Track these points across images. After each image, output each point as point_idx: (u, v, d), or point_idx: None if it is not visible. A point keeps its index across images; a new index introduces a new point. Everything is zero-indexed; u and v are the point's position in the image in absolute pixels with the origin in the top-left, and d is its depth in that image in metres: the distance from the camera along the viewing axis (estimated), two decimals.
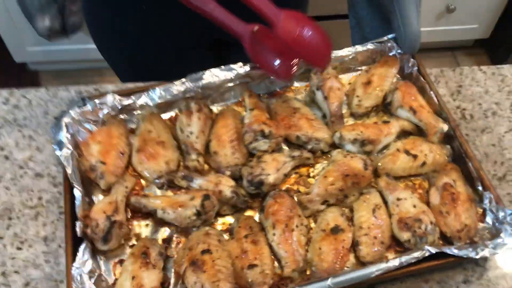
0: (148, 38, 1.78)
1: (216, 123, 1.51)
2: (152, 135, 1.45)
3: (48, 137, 1.59)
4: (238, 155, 1.44)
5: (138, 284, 1.19)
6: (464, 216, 1.34)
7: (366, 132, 1.45)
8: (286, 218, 1.31)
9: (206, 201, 1.30)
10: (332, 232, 1.31)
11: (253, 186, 1.37)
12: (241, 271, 1.25)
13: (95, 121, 1.49)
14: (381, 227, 1.33)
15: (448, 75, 1.75)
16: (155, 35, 1.76)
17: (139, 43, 1.80)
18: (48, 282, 1.30)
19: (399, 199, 1.36)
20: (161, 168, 1.41)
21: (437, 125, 1.47)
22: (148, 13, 1.67)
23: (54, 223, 1.40)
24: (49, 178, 1.49)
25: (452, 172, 1.43)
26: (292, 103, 1.55)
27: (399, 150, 1.45)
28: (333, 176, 1.39)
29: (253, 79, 1.58)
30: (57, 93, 1.71)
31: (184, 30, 1.73)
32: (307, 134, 1.47)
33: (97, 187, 1.41)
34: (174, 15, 1.65)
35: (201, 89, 1.54)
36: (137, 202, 1.35)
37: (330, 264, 1.26)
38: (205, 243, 1.26)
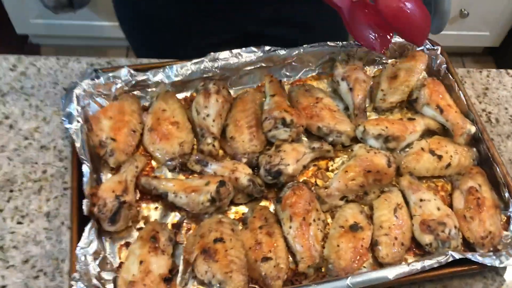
0: (180, 23, 1.70)
1: (234, 107, 1.43)
2: (166, 114, 1.38)
3: (56, 108, 1.51)
4: (256, 142, 1.37)
5: (146, 269, 1.12)
6: (488, 222, 1.28)
7: (391, 128, 1.39)
8: (304, 211, 1.24)
9: (222, 187, 1.23)
10: (351, 229, 1.25)
11: (270, 175, 1.30)
12: (255, 263, 1.18)
13: (107, 95, 1.41)
14: (402, 227, 1.27)
15: (474, 76, 1.68)
16: (187, 20, 1.69)
17: (168, 24, 1.73)
18: (48, 260, 1.23)
19: (422, 200, 1.30)
20: (174, 150, 1.34)
21: (464, 126, 1.41)
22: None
23: (58, 199, 1.33)
24: (55, 152, 1.42)
25: (477, 176, 1.37)
26: (314, 92, 1.48)
27: (424, 149, 1.39)
28: (354, 171, 1.32)
29: (275, 64, 1.51)
30: (68, 63, 1.62)
31: (217, 17, 1.66)
32: (329, 126, 1.40)
33: (105, 164, 1.33)
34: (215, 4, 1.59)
35: (219, 70, 1.46)
36: (148, 183, 1.28)
37: (348, 262, 1.20)
38: (218, 231, 1.20)
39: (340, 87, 1.50)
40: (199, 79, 1.46)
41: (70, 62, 1.63)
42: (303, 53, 1.51)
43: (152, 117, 1.37)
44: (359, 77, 1.48)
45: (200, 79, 1.46)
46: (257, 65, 1.49)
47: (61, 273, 1.21)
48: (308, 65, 1.55)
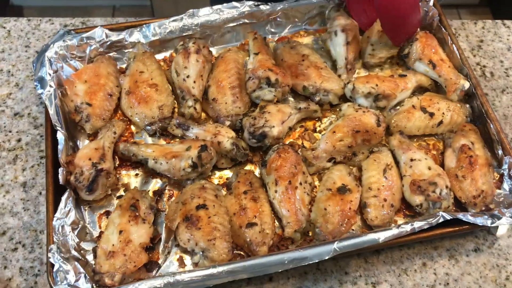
0: None
1: (216, 67, 1.36)
2: (144, 76, 1.31)
3: (29, 73, 1.44)
4: (239, 103, 1.31)
5: (126, 238, 1.08)
6: (481, 181, 1.24)
7: (382, 85, 1.33)
8: (290, 174, 1.20)
9: (204, 152, 1.18)
10: (339, 192, 1.20)
11: (255, 138, 1.25)
12: (239, 230, 1.15)
13: (81, 58, 1.34)
14: (391, 188, 1.22)
15: (469, 29, 1.61)
16: None
17: None
18: (26, 232, 1.19)
19: (413, 160, 1.25)
20: (153, 114, 1.27)
21: (458, 82, 1.35)
22: None
23: (35, 168, 1.27)
24: (29, 119, 1.35)
25: (470, 133, 1.32)
26: (301, 49, 1.40)
27: (415, 106, 1.33)
28: (342, 131, 1.27)
29: (258, 20, 1.43)
30: (40, 24, 1.54)
31: None
32: (315, 85, 1.34)
33: (82, 131, 1.27)
34: None
35: (200, 28, 1.39)
36: (126, 149, 1.22)
37: (336, 226, 1.16)
38: (201, 198, 1.15)
39: (335, 39, 1.41)
40: (178, 38, 1.39)
41: (42, 23, 1.54)
42: (289, 7, 1.43)
43: (129, 80, 1.31)
44: (357, 34, 1.42)
45: (179, 38, 1.38)
46: (240, 22, 1.42)
47: (40, 244, 1.17)
48: (294, 21, 1.48)
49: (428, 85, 1.41)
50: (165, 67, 1.38)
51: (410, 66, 1.42)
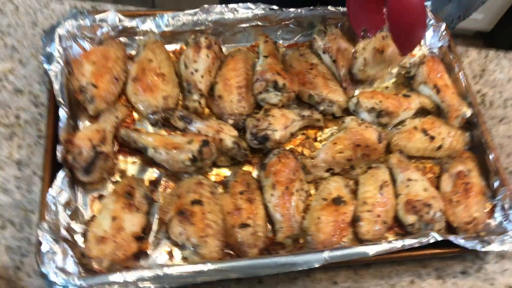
0: None
1: (225, 65, 1.36)
2: (153, 65, 1.30)
3: (33, 50, 1.41)
4: (244, 103, 1.30)
5: (118, 225, 1.07)
6: (474, 208, 1.25)
7: (386, 102, 1.34)
8: (287, 180, 1.20)
9: (205, 147, 1.17)
10: (334, 202, 1.21)
11: (257, 140, 1.24)
12: (232, 229, 1.14)
13: (92, 39, 1.32)
14: (386, 205, 1.23)
15: (472, 56, 1.63)
16: None
17: None
18: (16, 210, 1.16)
19: (410, 180, 1.26)
20: (157, 103, 1.26)
21: (460, 109, 1.37)
22: None
23: (31, 147, 1.25)
24: (30, 96, 1.33)
25: (468, 161, 1.33)
26: (309, 58, 1.41)
27: (417, 128, 1.35)
28: (343, 143, 1.27)
29: (271, 24, 1.43)
30: (49, 3, 1.52)
31: None
32: (321, 94, 1.35)
33: (84, 111, 1.26)
34: None
35: (213, 24, 1.38)
36: (127, 135, 1.21)
37: (328, 236, 1.16)
38: (197, 193, 1.14)
39: (323, 60, 1.43)
40: (190, 32, 1.38)
41: (52, 2, 1.52)
42: (303, 15, 1.43)
43: (137, 67, 1.29)
44: (341, 47, 1.41)
45: (191, 31, 1.38)
46: (253, 23, 1.42)
47: (29, 224, 1.15)
48: (305, 29, 1.48)
49: (431, 108, 1.42)
50: (174, 59, 1.37)
51: (415, 88, 1.43)
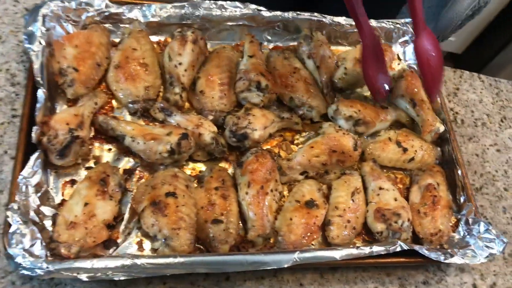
0: None
1: (209, 61, 1.36)
2: (136, 54, 1.29)
3: (14, 28, 1.38)
4: (225, 101, 1.31)
5: (90, 212, 1.05)
6: (440, 221, 1.29)
7: (364, 112, 1.36)
8: (263, 179, 1.20)
9: (184, 140, 1.17)
10: (307, 205, 1.22)
11: (235, 137, 1.25)
12: (204, 224, 1.14)
13: (76, 23, 1.30)
14: (356, 212, 1.25)
15: (448, 75, 1.69)
16: None
17: None
18: None
19: (381, 189, 1.29)
20: (138, 93, 1.25)
21: (434, 124, 1.41)
22: None
23: (4, 125, 1.22)
24: (7, 75, 1.30)
25: (437, 174, 1.37)
26: (293, 62, 1.43)
27: (391, 139, 1.38)
28: (320, 148, 1.29)
29: (258, 25, 1.44)
30: None
31: None
32: (301, 98, 1.36)
33: (62, 95, 1.23)
34: None
35: (200, 19, 1.38)
36: (105, 122, 1.19)
37: (298, 237, 1.18)
38: (172, 185, 1.14)
39: (306, 65, 1.46)
40: (176, 25, 1.38)
41: None
42: (290, 19, 1.45)
43: (120, 54, 1.28)
44: (325, 54, 1.44)
45: (177, 24, 1.37)
46: (239, 22, 1.42)
47: None
48: (292, 33, 1.50)
49: (405, 121, 1.46)
50: (158, 50, 1.36)
51: (392, 100, 1.46)
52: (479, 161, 1.54)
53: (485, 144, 1.58)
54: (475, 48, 3.96)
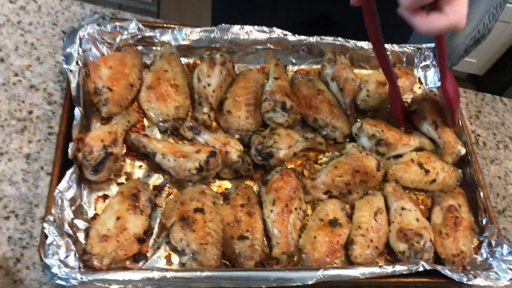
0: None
1: (236, 82, 1.41)
2: (168, 75, 1.34)
3: (52, 50, 1.45)
4: (251, 120, 1.35)
5: (122, 226, 1.09)
6: (462, 242, 1.30)
7: (387, 133, 1.39)
8: (288, 197, 1.24)
9: (212, 157, 1.21)
10: (330, 224, 1.25)
11: (261, 156, 1.29)
12: (230, 240, 1.17)
13: (110, 45, 1.37)
14: (379, 231, 1.27)
15: (470, 98, 1.71)
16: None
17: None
18: (21, 203, 1.18)
19: (404, 209, 1.31)
20: (169, 112, 1.31)
21: (455, 146, 1.43)
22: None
23: (41, 142, 1.28)
24: (44, 94, 1.36)
25: (459, 196, 1.39)
26: (317, 84, 1.47)
27: (413, 160, 1.40)
28: (343, 168, 1.32)
29: (283, 48, 1.50)
30: (71, 6, 1.57)
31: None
32: (325, 119, 1.40)
33: (96, 113, 1.29)
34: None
35: (228, 43, 1.44)
36: (137, 140, 1.25)
37: (322, 255, 1.20)
38: (200, 202, 1.18)
39: (330, 87, 1.50)
40: (205, 48, 1.43)
41: (73, 5, 1.57)
42: (314, 43, 1.50)
43: (152, 75, 1.34)
44: (349, 77, 1.48)
45: (206, 48, 1.43)
46: (265, 46, 1.48)
47: (33, 218, 1.17)
48: (315, 56, 1.54)
49: (430, 150, 1.47)
50: (188, 72, 1.42)
51: (415, 123, 1.49)
52: (502, 184, 1.55)
53: (507, 166, 1.59)
54: (497, 70, 3.97)
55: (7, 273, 1.10)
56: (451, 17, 0.97)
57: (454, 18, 0.97)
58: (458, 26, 0.99)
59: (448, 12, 0.97)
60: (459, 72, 4.09)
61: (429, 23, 0.98)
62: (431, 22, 0.98)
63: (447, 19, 0.97)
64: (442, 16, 0.98)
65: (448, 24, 0.98)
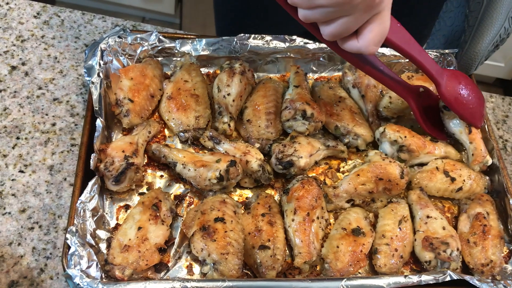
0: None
1: (256, 91, 1.41)
2: (188, 85, 1.35)
3: (74, 63, 1.48)
4: (272, 129, 1.34)
5: (143, 236, 1.10)
6: (491, 251, 1.26)
7: (410, 139, 1.36)
8: (309, 206, 1.22)
9: (232, 167, 1.20)
10: (353, 233, 1.22)
11: (281, 165, 1.28)
12: (251, 250, 1.16)
13: (131, 56, 1.38)
14: (404, 240, 1.24)
15: (496, 102, 1.67)
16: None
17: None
18: (45, 214, 1.20)
19: (429, 217, 1.28)
20: (189, 122, 1.31)
21: (485, 155, 1.38)
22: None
23: (64, 154, 1.30)
24: (67, 106, 1.39)
25: (487, 203, 1.35)
26: (338, 91, 1.46)
27: (438, 168, 1.37)
28: (366, 176, 1.30)
29: (303, 56, 1.49)
30: (93, 20, 1.60)
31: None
32: (347, 127, 1.38)
33: (117, 124, 1.31)
34: None
35: (247, 52, 1.44)
36: (158, 150, 1.25)
37: (345, 265, 1.18)
38: (220, 211, 1.17)
39: (352, 94, 1.48)
40: (225, 58, 1.44)
41: (95, 19, 1.60)
42: None
43: (173, 86, 1.35)
44: (370, 83, 1.46)
45: (226, 57, 1.44)
46: (285, 55, 1.47)
47: (56, 228, 1.18)
48: (336, 64, 1.53)
49: (455, 159, 1.43)
50: (207, 82, 1.42)
51: (446, 123, 1.42)
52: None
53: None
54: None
55: (31, 283, 1.11)
56: (361, 43, 1.01)
57: (363, 45, 1.01)
58: (365, 52, 1.02)
59: (360, 38, 1.01)
60: (486, 77, 4.01)
61: (342, 41, 1.03)
62: (344, 40, 1.03)
63: (356, 45, 1.02)
64: (355, 40, 1.02)
65: (356, 49, 1.02)
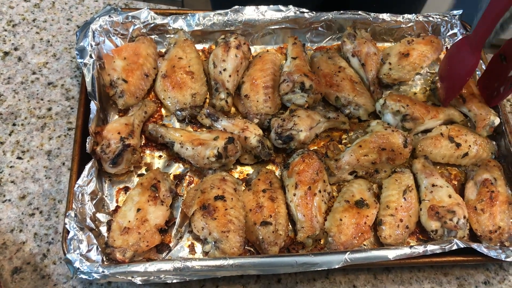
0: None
1: (253, 65, 1.38)
2: (182, 62, 1.32)
3: (67, 45, 1.45)
4: (270, 103, 1.32)
5: (142, 217, 1.09)
6: (499, 217, 1.23)
7: (412, 107, 1.33)
8: (310, 180, 1.20)
9: (230, 144, 1.18)
10: (357, 205, 1.20)
11: (281, 139, 1.25)
12: (253, 226, 1.15)
13: (123, 36, 1.35)
14: (409, 210, 1.22)
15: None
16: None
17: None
18: (45, 199, 1.19)
19: (434, 186, 1.25)
20: (185, 100, 1.29)
21: (487, 118, 1.35)
22: None
23: (61, 138, 1.28)
24: (62, 90, 1.37)
25: (494, 169, 1.31)
26: (338, 61, 1.42)
27: (443, 135, 1.33)
28: (368, 146, 1.27)
29: (300, 26, 1.45)
30: (84, 0, 1.57)
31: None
32: (348, 97, 1.35)
33: (113, 105, 1.29)
34: None
35: (242, 25, 1.40)
36: (155, 130, 1.23)
37: (349, 238, 1.16)
38: (220, 189, 1.16)
39: (351, 63, 1.44)
40: (220, 32, 1.40)
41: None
42: (333, 19, 1.44)
43: (167, 64, 1.32)
44: (370, 51, 1.42)
45: (221, 31, 1.40)
46: (282, 25, 1.43)
47: (57, 213, 1.18)
48: (335, 33, 1.49)
49: (460, 121, 1.40)
50: (203, 58, 1.39)
51: (440, 99, 1.41)
52: None
53: None
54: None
55: (35, 269, 1.11)
56: None
57: None
58: None
59: None
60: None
61: None
62: None
63: None
64: None
65: None
